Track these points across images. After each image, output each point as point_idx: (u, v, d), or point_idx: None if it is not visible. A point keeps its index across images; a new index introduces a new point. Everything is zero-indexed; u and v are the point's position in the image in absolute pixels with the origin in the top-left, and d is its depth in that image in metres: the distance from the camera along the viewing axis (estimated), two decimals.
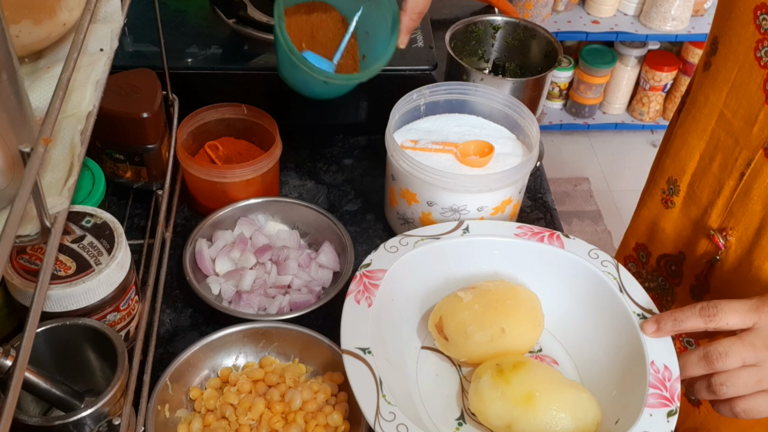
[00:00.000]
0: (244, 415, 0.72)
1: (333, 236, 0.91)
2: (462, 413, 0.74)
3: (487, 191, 0.85)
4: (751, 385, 0.64)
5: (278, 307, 0.84)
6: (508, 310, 0.74)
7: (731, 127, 0.75)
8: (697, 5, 2.44)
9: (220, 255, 0.88)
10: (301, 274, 0.87)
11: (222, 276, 0.87)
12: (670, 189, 0.84)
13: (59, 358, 0.65)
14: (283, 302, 0.84)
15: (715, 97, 0.76)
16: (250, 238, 0.90)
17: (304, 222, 0.94)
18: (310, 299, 0.85)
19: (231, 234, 0.92)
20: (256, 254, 0.88)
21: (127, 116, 0.85)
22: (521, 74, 1.12)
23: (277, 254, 0.88)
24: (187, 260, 0.85)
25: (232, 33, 1.11)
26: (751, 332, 0.65)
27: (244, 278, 0.86)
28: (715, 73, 0.76)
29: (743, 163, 0.74)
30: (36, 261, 0.65)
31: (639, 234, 0.93)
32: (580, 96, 2.68)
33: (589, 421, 0.68)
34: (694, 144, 0.80)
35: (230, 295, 0.85)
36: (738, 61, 0.72)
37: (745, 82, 0.71)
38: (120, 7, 0.61)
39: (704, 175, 0.80)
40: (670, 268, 0.88)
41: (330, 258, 0.89)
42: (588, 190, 2.62)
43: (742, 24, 0.70)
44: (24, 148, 0.39)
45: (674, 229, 0.86)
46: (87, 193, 0.81)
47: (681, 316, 0.68)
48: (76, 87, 0.52)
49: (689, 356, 0.66)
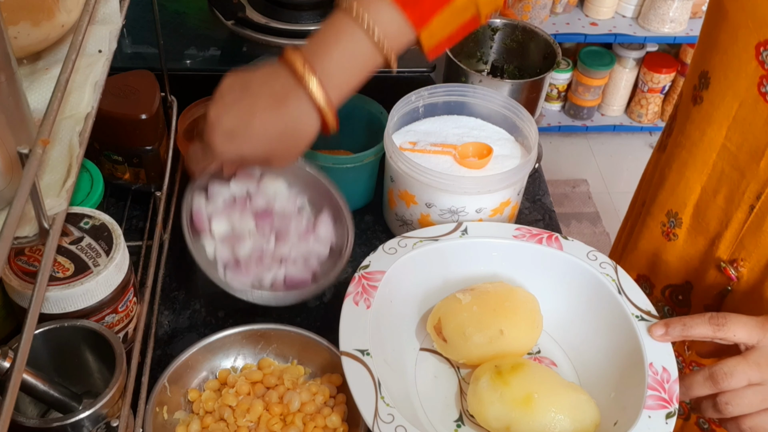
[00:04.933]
0: (243, 417, 0.72)
1: (330, 203, 0.86)
2: (461, 415, 0.74)
3: (486, 193, 0.85)
4: (756, 404, 0.65)
5: (273, 279, 0.80)
6: (506, 312, 0.74)
7: (736, 161, 0.74)
8: (695, 7, 2.44)
9: (218, 214, 0.82)
10: (299, 246, 0.83)
11: (218, 239, 0.82)
12: (671, 222, 0.83)
13: (57, 360, 0.65)
14: (278, 274, 0.80)
15: (713, 132, 0.76)
16: (248, 197, 0.84)
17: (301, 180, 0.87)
18: (306, 275, 0.81)
19: (228, 191, 0.84)
20: (256, 218, 0.83)
21: (126, 118, 0.85)
22: (520, 76, 1.12)
23: (277, 222, 0.83)
24: (185, 216, 0.79)
25: (231, 35, 1.11)
26: (755, 351, 0.66)
27: (242, 246, 0.81)
28: (710, 108, 0.75)
29: (752, 196, 0.74)
30: (34, 262, 0.65)
31: (639, 266, 0.92)
32: (579, 98, 2.68)
33: (588, 422, 0.68)
34: (694, 178, 0.80)
35: (225, 260, 0.81)
36: (738, 96, 0.72)
37: (749, 117, 0.71)
38: (118, 9, 0.61)
39: (709, 208, 0.79)
40: (676, 298, 0.88)
41: (328, 230, 0.85)
42: (586, 192, 2.63)
43: (742, 61, 0.70)
44: (22, 150, 0.39)
45: (679, 261, 0.86)
46: (85, 194, 0.81)
47: (690, 322, 0.69)
48: (74, 88, 0.52)
49: (695, 376, 0.67)
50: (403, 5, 0.67)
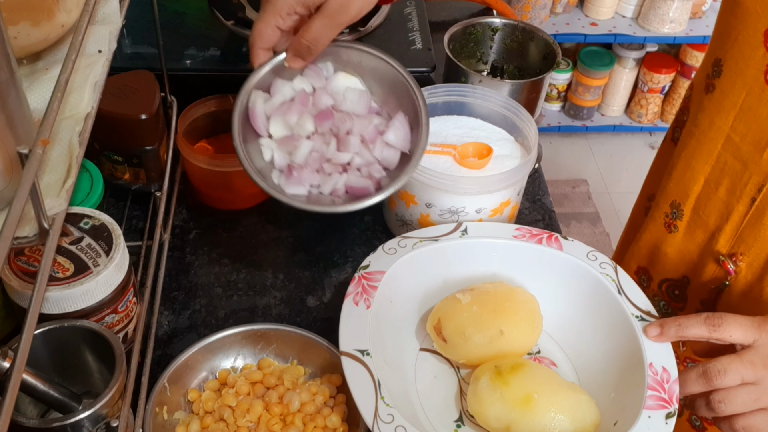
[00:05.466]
0: (243, 417, 0.72)
1: (408, 104, 0.78)
2: (460, 415, 0.74)
3: (486, 193, 0.85)
4: (749, 403, 0.64)
5: (332, 188, 0.75)
6: (506, 312, 0.74)
7: (739, 152, 0.74)
8: (695, 7, 2.44)
9: (275, 114, 0.76)
10: (363, 152, 0.76)
11: (276, 141, 0.76)
12: (674, 213, 0.83)
13: (57, 360, 0.65)
14: (338, 183, 0.75)
15: (720, 120, 0.75)
16: (312, 96, 0.77)
17: (380, 78, 0.79)
18: (369, 186, 0.75)
19: (291, 88, 0.77)
20: (316, 120, 0.76)
21: (126, 118, 0.85)
22: (519, 76, 1.12)
23: (339, 124, 0.76)
24: (237, 117, 0.73)
25: (231, 35, 1.11)
26: (750, 350, 0.65)
27: (299, 149, 0.75)
28: (720, 96, 0.75)
29: (753, 188, 0.74)
30: (34, 262, 0.65)
31: (640, 257, 0.92)
32: (579, 98, 2.68)
33: (588, 423, 0.68)
34: (699, 168, 0.79)
35: (282, 165, 0.75)
36: (746, 84, 0.71)
37: (755, 106, 0.71)
38: (118, 9, 0.61)
39: (710, 200, 0.79)
40: (672, 293, 0.87)
41: (400, 135, 0.77)
42: (586, 192, 2.63)
43: (751, 47, 0.69)
44: (22, 150, 0.39)
45: (677, 254, 0.85)
46: (85, 194, 0.81)
47: (686, 322, 0.68)
48: (74, 88, 0.52)
49: (689, 373, 0.67)
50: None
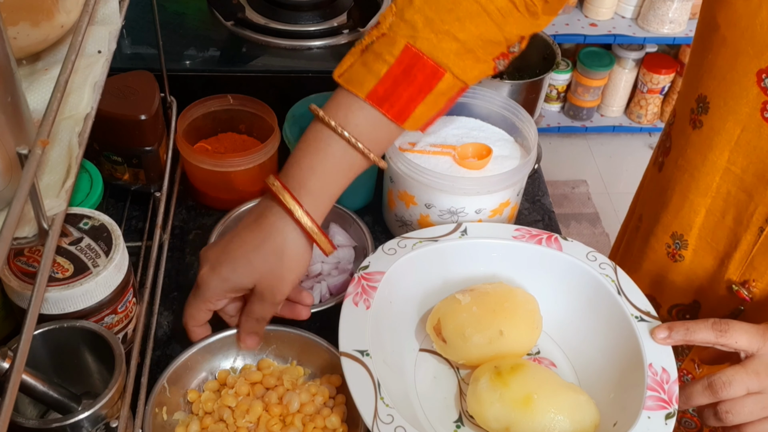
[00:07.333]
0: (242, 418, 0.72)
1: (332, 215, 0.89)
2: (460, 415, 0.74)
3: (486, 193, 0.85)
4: (756, 412, 0.66)
5: (320, 296, 0.85)
6: (506, 313, 0.74)
7: (743, 183, 0.75)
8: (695, 8, 2.44)
9: None
10: (327, 259, 0.88)
11: None
12: (677, 244, 0.83)
13: (56, 361, 0.65)
14: (322, 289, 0.85)
15: (714, 156, 0.76)
16: None
17: None
18: (346, 277, 0.86)
19: None
20: None
21: (125, 118, 0.85)
22: (519, 77, 1.12)
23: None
24: None
25: (230, 35, 1.11)
26: (754, 360, 0.66)
27: None
28: (711, 133, 0.75)
29: (761, 219, 0.74)
30: (33, 263, 0.65)
31: (643, 287, 0.91)
32: (578, 98, 2.68)
33: (588, 423, 0.68)
34: (698, 201, 0.79)
35: None
36: (740, 122, 0.72)
37: (754, 141, 0.72)
38: (118, 9, 0.61)
39: (717, 228, 0.79)
40: (684, 317, 0.88)
41: (343, 236, 0.90)
42: (586, 193, 2.63)
43: (742, 86, 0.70)
44: (21, 150, 0.39)
45: (686, 281, 0.86)
46: (85, 195, 0.81)
47: (694, 327, 0.69)
48: (74, 89, 0.52)
49: (694, 386, 0.68)
50: (380, 104, 0.67)
